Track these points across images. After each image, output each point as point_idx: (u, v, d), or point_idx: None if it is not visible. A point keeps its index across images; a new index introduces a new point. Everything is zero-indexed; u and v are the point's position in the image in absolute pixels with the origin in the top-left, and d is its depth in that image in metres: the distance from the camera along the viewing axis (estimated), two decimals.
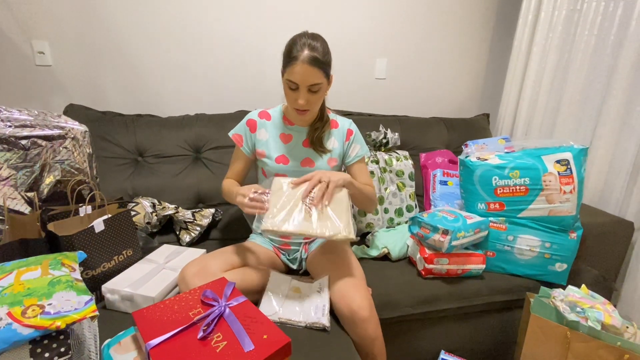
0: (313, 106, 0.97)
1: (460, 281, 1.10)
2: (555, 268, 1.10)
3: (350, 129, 1.10)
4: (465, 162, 1.16)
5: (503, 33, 1.85)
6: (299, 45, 0.90)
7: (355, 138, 1.11)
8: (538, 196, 1.07)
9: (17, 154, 0.95)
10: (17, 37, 1.40)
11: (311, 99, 0.94)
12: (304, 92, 0.92)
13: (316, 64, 0.89)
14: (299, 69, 0.89)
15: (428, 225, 1.08)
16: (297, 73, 0.90)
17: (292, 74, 0.90)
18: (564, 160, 1.05)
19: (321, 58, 0.90)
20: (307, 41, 0.90)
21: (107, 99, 1.54)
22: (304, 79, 0.90)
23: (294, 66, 0.90)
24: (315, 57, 0.89)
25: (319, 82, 0.92)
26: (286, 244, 1.11)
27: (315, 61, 0.89)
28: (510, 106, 1.75)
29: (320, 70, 0.91)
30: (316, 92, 0.94)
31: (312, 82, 0.91)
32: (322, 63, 0.90)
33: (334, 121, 1.10)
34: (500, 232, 1.12)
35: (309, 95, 0.93)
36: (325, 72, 0.93)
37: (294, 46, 0.91)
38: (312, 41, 0.91)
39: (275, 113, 1.09)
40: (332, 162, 1.08)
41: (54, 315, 0.57)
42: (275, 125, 1.08)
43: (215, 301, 0.72)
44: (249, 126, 1.07)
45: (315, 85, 0.92)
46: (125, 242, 1.00)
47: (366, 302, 0.85)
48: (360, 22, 1.68)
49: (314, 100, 0.95)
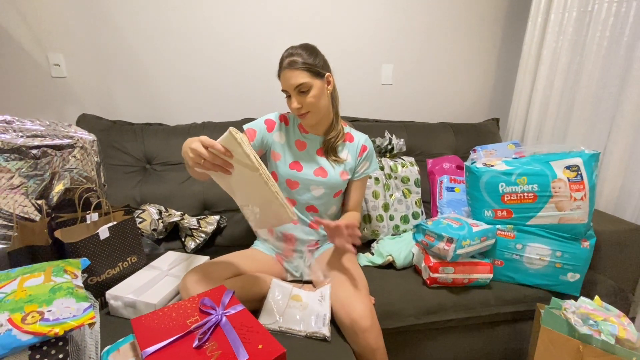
0: (310, 107, 0.97)
1: (466, 291, 1.07)
2: (567, 278, 1.06)
3: (365, 145, 1.10)
4: (470, 169, 1.13)
5: (512, 36, 1.82)
6: (283, 55, 0.97)
7: (368, 155, 1.11)
8: (547, 203, 1.03)
9: (28, 163, 0.98)
10: (34, 50, 1.46)
11: (304, 100, 0.96)
12: (294, 95, 0.96)
13: (295, 65, 0.94)
14: (282, 76, 0.96)
15: (432, 233, 1.06)
16: (283, 80, 0.96)
17: (281, 81, 0.97)
18: (574, 166, 1.01)
19: (300, 59, 0.94)
20: (290, 50, 0.97)
21: (118, 108, 1.59)
22: (288, 84, 0.95)
23: (280, 75, 0.97)
24: (293, 61, 0.94)
25: (304, 82, 0.94)
26: (289, 252, 1.11)
27: (294, 63, 0.94)
28: (520, 110, 1.71)
29: (303, 71, 0.94)
30: (306, 92, 0.95)
31: (297, 83, 0.94)
32: (302, 64, 0.94)
33: (349, 134, 1.11)
34: (509, 240, 1.09)
35: (301, 97, 0.96)
36: (311, 72, 0.95)
37: (281, 59, 0.98)
38: (294, 49, 0.96)
39: (292, 120, 1.11)
40: (344, 175, 1.08)
41: (53, 322, 0.58)
42: (292, 131, 1.09)
43: (213, 309, 0.72)
44: (266, 124, 1.07)
45: (301, 85, 0.94)
46: (130, 249, 1.01)
47: (367, 312, 0.84)
48: (366, 28, 1.68)
49: (309, 101, 0.96)
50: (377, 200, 1.36)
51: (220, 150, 0.68)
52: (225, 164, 0.70)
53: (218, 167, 0.70)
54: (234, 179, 0.75)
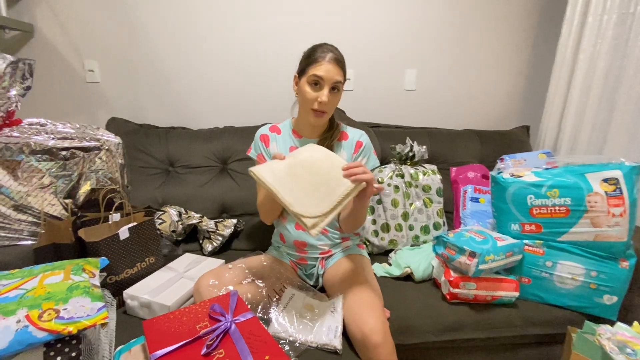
0: (331, 107, 0.99)
1: (489, 308, 1.01)
2: (603, 300, 0.97)
3: (360, 141, 1.07)
4: (496, 179, 1.07)
5: (545, 38, 1.73)
6: (322, 49, 0.97)
7: (364, 150, 1.07)
8: (581, 218, 0.96)
9: (57, 164, 1.03)
10: (72, 57, 1.55)
11: (332, 98, 0.97)
12: (327, 89, 0.95)
13: (339, 64, 0.96)
14: (325, 67, 0.94)
15: (454, 245, 1.01)
16: (324, 70, 0.94)
17: (319, 69, 0.94)
18: (613, 179, 0.94)
19: (342, 60, 0.98)
20: (330, 47, 0.99)
21: (145, 112, 1.64)
22: (329, 75, 0.94)
23: (319, 64, 0.94)
24: (337, 58, 0.96)
25: (341, 81, 0.96)
26: (303, 259, 1.09)
27: (339, 61, 0.96)
28: (553, 118, 1.61)
29: (342, 72, 0.97)
30: (336, 93, 0.98)
31: (337, 80, 0.95)
32: (343, 64, 0.98)
33: (344, 133, 1.08)
34: (537, 256, 1.02)
35: (330, 94, 0.96)
36: (344, 76, 0.98)
37: (317, 49, 0.98)
38: (334, 48, 0.99)
39: (284, 127, 1.10)
40: None
41: (67, 320, 0.59)
42: (284, 139, 1.08)
43: (223, 316, 0.71)
44: (262, 141, 1.08)
45: (337, 84, 0.96)
46: (149, 249, 1.04)
47: (380, 326, 0.81)
48: (390, 32, 1.65)
49: (333, 102, 0.98)
50: (397, 208, 1.32)
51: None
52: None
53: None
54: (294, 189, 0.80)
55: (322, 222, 0.76)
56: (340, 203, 0.78)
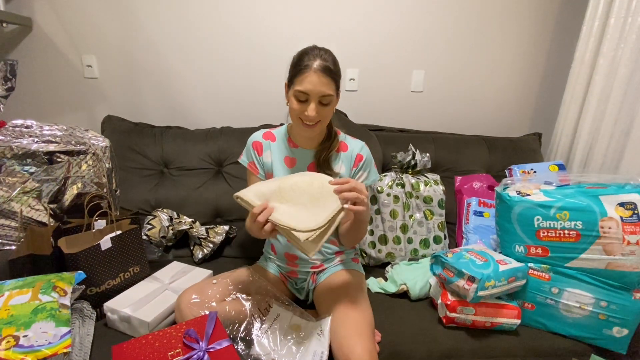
0: (323, 119, 0.91)
1: (489, 335, 0.94)
2: (613, 333, 0.90)
3: (361, 154, 1.01)
4: (501, 196, 1.00)
5: (561, 41, 1.62)
6: (310, 55, 0.87)
7: (365, 165, 1.01)
8: (593, 244, 0.88)
9: (41, 168, 1.00)
10: (70, 52, 1.52)
11: (321, 111, 0.88)
12: (314, 102, 0.86)
13: (329, 73, 0.86)
14: (311, 78, 0.85)
15: (452, 267, 0.94)
16: (309, 82, 0.85)
17: (303, 83, 0.85)
18: (630, 203, 0.86)
19: (333, 68, 0.87)
20: (319, 52, 0.88)
21: (143, 109, 1.61)
22: (316, 89, 0.85)
23: (305, 75, 0.85)
24: (327, 67, 0.86)
25: (331, 94, 0.87)
26: (293, 272, 1.05)
27: (328, 70, 0.86)
28: (568, 126, 1.51)
29: (332, 82, 0.87)
30: (327, 105, 0.89)
31: (324, 93, 0.86)
32: (334, 73, 0.87)
33: (343, 144, 1.02)
34: (543, 282, 0.95)
35: (319, 107, 0.88)
36: (336, 85, 0.89)
37: (304, 56, 0.87)
38: (323, 52, 0.88)
39: (279, 134, 1.03)
40: None
41: (27, 349, 0.56)
42: (279, 147, 1.02)
43: (197, 343, 0.67)
44: (255, 149, 1.01)
45: (326, 97, 0.87)
46: (133, 259, 1.00)
47: (367, 355, 0.75)
48: (396, 31, 1.56)
49: (325, 114, 0.89)
50: (395, 220, 1.26)
51: (257, 212, 0.75)
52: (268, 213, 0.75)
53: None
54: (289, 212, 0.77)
55: (319, 240, 0.74)
56: (334, 220, 0.76)
